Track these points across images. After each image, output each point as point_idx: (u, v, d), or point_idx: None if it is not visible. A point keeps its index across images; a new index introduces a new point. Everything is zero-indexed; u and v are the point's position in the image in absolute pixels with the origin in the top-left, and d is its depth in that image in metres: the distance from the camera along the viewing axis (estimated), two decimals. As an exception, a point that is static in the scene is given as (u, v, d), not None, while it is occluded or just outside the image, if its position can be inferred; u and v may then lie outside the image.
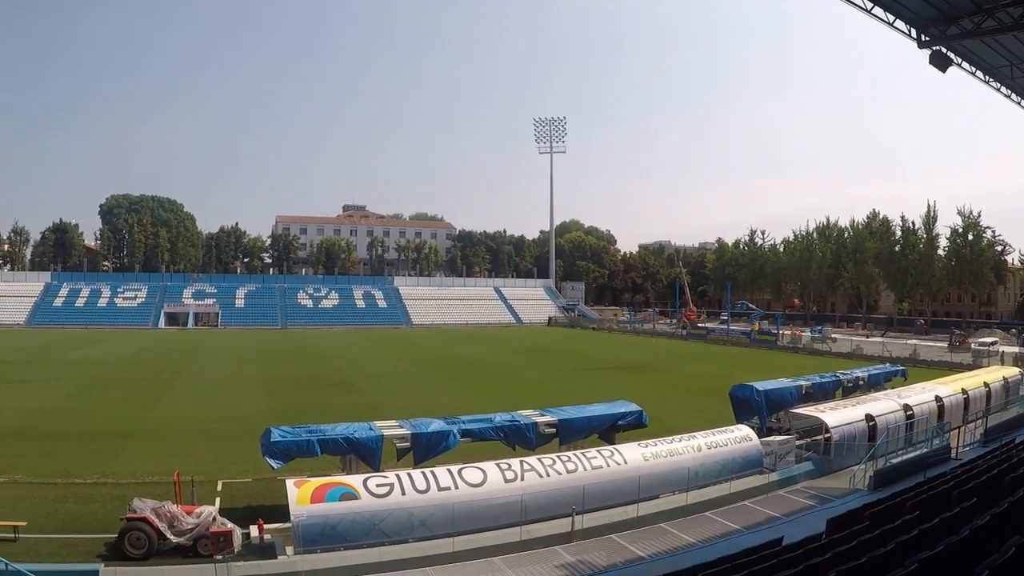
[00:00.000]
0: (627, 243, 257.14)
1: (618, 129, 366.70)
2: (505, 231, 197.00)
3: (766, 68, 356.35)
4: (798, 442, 31.92)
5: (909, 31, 31.98)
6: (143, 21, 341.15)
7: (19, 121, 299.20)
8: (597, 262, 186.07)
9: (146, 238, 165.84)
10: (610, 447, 26.71)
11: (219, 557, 19.81)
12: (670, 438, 27.71)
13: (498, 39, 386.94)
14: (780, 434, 32.58)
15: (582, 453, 25.52)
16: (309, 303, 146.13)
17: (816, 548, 14.05)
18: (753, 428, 31.10)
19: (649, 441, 27.21)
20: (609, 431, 29.77)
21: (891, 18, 31.34)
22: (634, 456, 25.68)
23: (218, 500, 25.45)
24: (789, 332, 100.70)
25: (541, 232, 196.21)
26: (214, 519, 21.56)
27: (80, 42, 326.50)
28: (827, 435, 31.52)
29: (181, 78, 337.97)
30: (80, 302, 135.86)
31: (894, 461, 30.01)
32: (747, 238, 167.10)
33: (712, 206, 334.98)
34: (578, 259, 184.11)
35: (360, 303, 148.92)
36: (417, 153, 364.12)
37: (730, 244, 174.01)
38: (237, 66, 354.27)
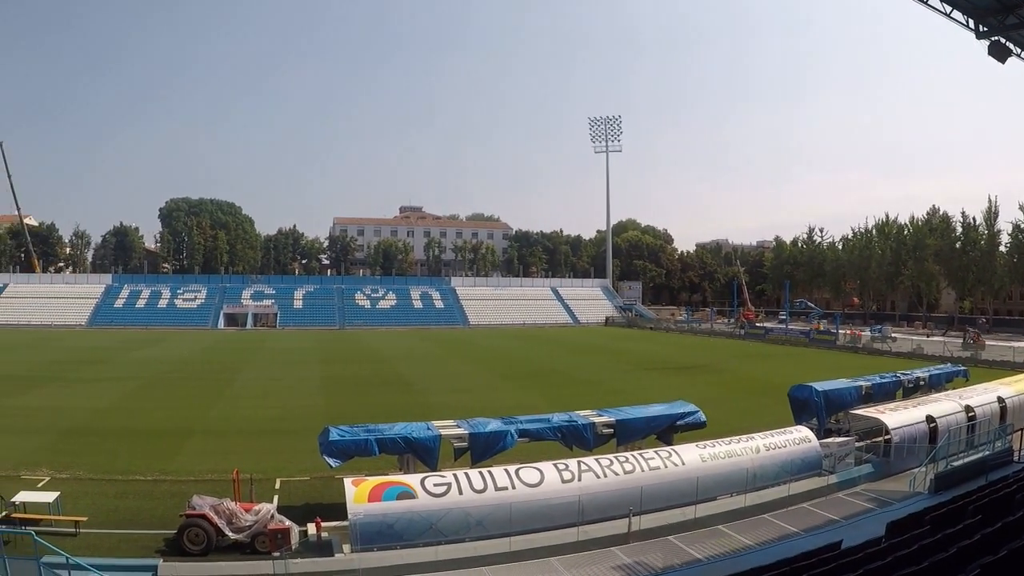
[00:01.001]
0: (684, 242, 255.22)
1: (674, 128, 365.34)
2: (562, 231, 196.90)
3: (818, 63, 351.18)
4: (857, 444, 31.32)
5: (967, 21, 31.06)
6: (202, 28, 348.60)
7: (81, 127, 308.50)
8: (654, 261, 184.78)
9: (205, 240, 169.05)
10: (668, 448, 26.45)
11: (277, 554, 19.97)
12: (728, 439, 27.32)
13: (554, 38, 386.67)
14: (839, 435, 31.98)
15: (640, 454, 25.28)
16: (367, 304, 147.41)
17: (876, 552, 13.78)
18: (812, 429, 30.53)
19: (707, 442, 26.87)
20: (667, 432, 29.46)
21: (948, 8, 30.52)
22: (692, 457, 25.37)
23: (276, 498, 25.60)
24: (848, 331, 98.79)
25: (598, 232, 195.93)
26: (272, 516, 21.77)
27: (140, 49, 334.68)
28: (887, 437, 30.85)
29: (238, 83, 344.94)
30: (140, 303, 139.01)
31: (955, 464, 29.28)
32: (805, 236, 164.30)
33: (770, 203, 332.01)
34: (635, 258, 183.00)
35: (417, 303, 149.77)
36: (473, 154, 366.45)
37: (788, 242, 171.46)
38: (294, 71, 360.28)
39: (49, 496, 23.88)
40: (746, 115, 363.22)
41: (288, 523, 21.33)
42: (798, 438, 28.56)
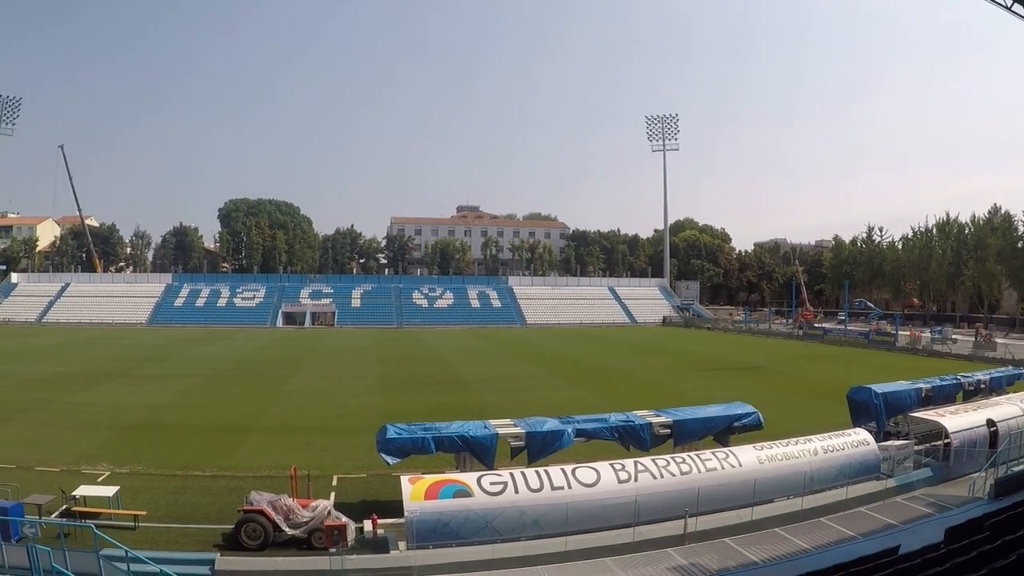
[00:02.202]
0: (742, 241, 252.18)
1: (732, 125, 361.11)
2: (619, 230, 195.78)
3: (882, 58, 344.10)
4: (916, 447, 30.60)
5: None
6: (261, 30, 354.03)
7: (142, 130, 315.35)
8: (712, 261, 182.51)
9: (264, 240, 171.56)
10: (725, 449, 26.17)
11: (333, 550, 20.01)
12: (786, 441, 26.90)
13: (612, 36, 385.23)
14: (898, 439, 31.36)
15: (696, 455, 25.02)
16: (424, 303, 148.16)
17: (934, 558, 13.49)
18: (871, 432, 29.88)
19: (764, 444, 26.49)
20: (724, 433, 29.15)
21: (1008, 2, 29.63)
22: (749, 459, 25.04)
23: (333, 494, 25.95)
24: (908, 332, 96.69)
25: (655, 231, 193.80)
26: (329, 513, 22.03)
27: (201, 52, 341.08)
28: (946, 440, 30.09)
29: (298, 86, 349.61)
30: (200, 302, 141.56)
31: (1016, 468, 28.52)
32: (864, 235, 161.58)
33: (829, 202, 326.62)
34: (692, 258, 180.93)
35: (475, 303, 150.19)
36: (530, 153, 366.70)
37: (847, 241, 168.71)
38: (350, 70, 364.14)
39: (109, 490, 24.44)
40: (805, 112, 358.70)
41: (345, 519, 21.48)
42: (856, 441, 28.01)
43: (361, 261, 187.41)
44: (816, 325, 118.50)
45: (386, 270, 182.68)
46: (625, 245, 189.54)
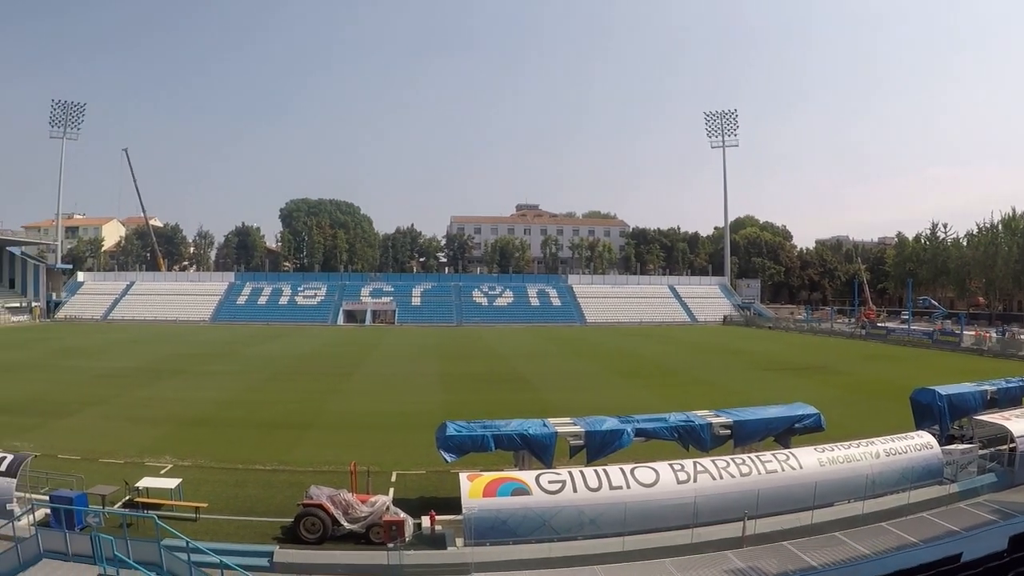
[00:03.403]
0: (803, 239, 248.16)
1: (792, 121, 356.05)
2: (679, 227, 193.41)
3: (952, 53, 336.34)
4: (981, 452, 29.67)
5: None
6: (324, 33, 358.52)
7: (204, 132, 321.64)
8: (773, 258, 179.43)
9: (325, 239, 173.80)
10: (785, 451, 25.82)
11: (391, 545, 20.15)
12: (847, 443, 26.34)
13: (669, 33, 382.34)
14: (962, 442, 30.52)
15: (756, 456, 24.66)
16: (484, 301, 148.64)
17: (997, 566, 13.08)
18: (934, 435, 29.10)
19: (825, 446, 26.00)
20: (785, 434, 28.80)
21: None
22: (810, 461, 24.60)
23: (392, 490, 26.10)
24: (973, 332, 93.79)
25: (715, 228, 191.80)
26: (388, 508, 22.16)
27: (263, 55, 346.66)
28: (1012, 445, 29.08)
29: (358, 88, 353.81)
30: (262, 300, 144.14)
31: (1084, 475, 27.60)
32: (928, 232, 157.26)
33: (892, 198, 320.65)
34: (753, 255, 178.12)
35: (534, 301, 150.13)
36: (589, 151, 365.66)
37: (911, 239, 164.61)
38: (408, 70, 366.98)
39: (171, 482, 24.91)
40: (869, 108, 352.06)
41: (403, 515, 21.57)
42: (919, 444, 27.30)
43: (421, 260, 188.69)
44: (879, 324, 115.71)
45: (446, 269, 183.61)
46: (685, 243, 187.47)
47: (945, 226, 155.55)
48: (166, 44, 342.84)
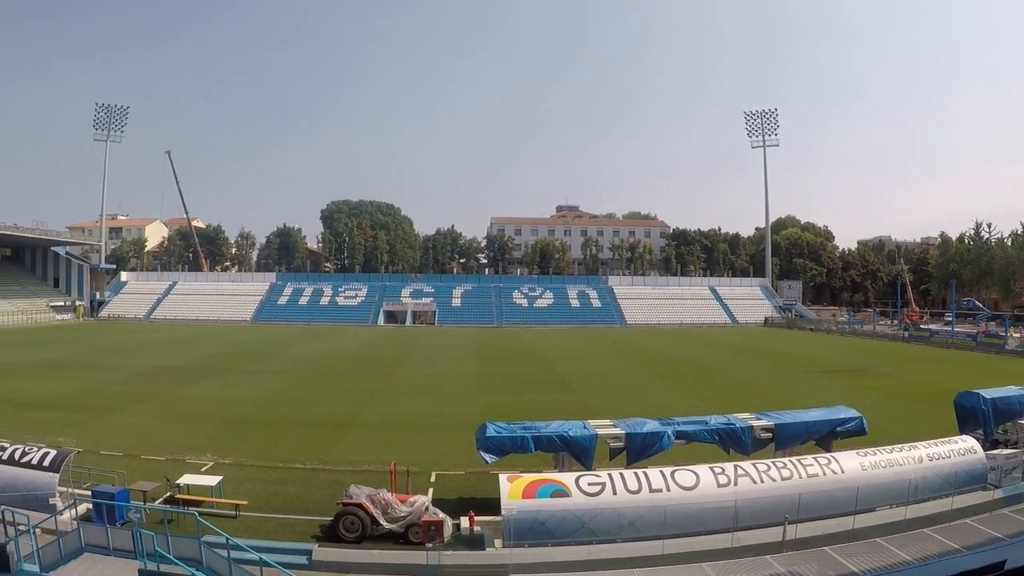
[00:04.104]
0: (845, 239, 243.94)
1: (833, 120, 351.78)
2: (719, 228, 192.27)
3: (995, 49, 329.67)
4: None
5: None
6: (364, 35, 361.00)
7: (246, 134, 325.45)
8: (814, 259, 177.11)
9: (365, 241, 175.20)
10: (827, 454, 25.49)
11: (429, 545, 20.18)
12: (889, 447, 25.91)
13: (711, 32, 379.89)
14: (1007, 447, 30.02)
15: (798, 460, 24.39)
16: (524, 302, 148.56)
17: None
18: (978, 440, 28.55)
19: (868, 450, 25.61)
20: (827, 438, 28.53)
21: None
22: (852, 465, 24.24)
23: (431, 490, 26.15)
24: (1018, 334, 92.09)
25: (756, 229, 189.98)
26: (427, 508, 22.21)
27: (304, 56, 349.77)
28: None
29: (398, 90, 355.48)
30: (303, 301, 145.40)
31: None
32: (972, 232, 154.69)
33: (934, 198, 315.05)
34: (795, 256, 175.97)
35: (574, 302, 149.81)
36: (629, 151, 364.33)
37: (954, 239, 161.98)
38: (446, 72, 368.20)
39: (212, 480, 25.22)
40: (911, 106, 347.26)
41: (442, 515, 21.63)
42: (962, 448, 26.77)
43: (461, 261, 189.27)
44: (922, 326, 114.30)
45: (486, 270, 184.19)
46: (726, 244, 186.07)
47: (989, 226, 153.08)
48: (208, 46, 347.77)
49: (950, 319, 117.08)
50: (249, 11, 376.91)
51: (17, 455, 23.49)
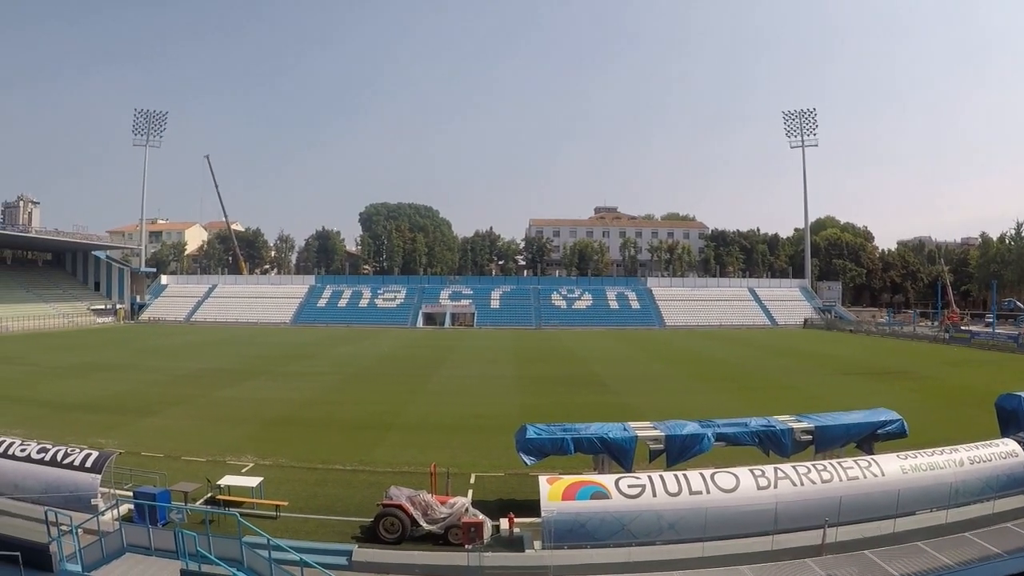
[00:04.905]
0: (884, 240, 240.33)
1: (872, 120, 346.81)
2: (758, 229, 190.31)
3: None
4: None
5: None
6: (403, 39, 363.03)
7: (285, 138, 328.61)
8: (854, 260, 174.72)
9: (404, 243, 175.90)
10: (867, 457, 25.19)
11: (469, 547, 20.23)
12: (930, 450, 25.58)
13: (748, 32, 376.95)
14: None
15: (838, 462, 24.20)
16: (563, 304, 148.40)
17: None
18: (1020, 443, 28.00)
19: (908, 453, 25.31)
20: (867, 440, 28.19)
21: None
22: (892, 468, 23.98)
23: (471, 492, 26.22)
24: None
25: (795, 230, 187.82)
26: (466, 510, 22.30)
27: (340, 62, 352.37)
28: None
29: (437, 94, 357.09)
30: (342, 303, 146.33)
31: None
32: (1013, 231, 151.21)
33: (975, 197, 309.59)
34: (834, 257, 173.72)
35: (613, 304, 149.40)
36: (667, 152, 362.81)
37: (995, 239, 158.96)
38: (484, 75, 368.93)
39: (252, 481, 25.46)
40: (951, 104, 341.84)
41: (482, 517, 21.71)
42: (1004, 452, 26.32)
43: (500, 263, 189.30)
44: (963, 328, 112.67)
45: (525, 271, 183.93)
46: (765, 244, 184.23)
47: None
48: (247, 49, 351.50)
49: (991, 320, 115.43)
50: (288, 13, 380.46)
51: (60, 456, 23.98)
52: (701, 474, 22.42)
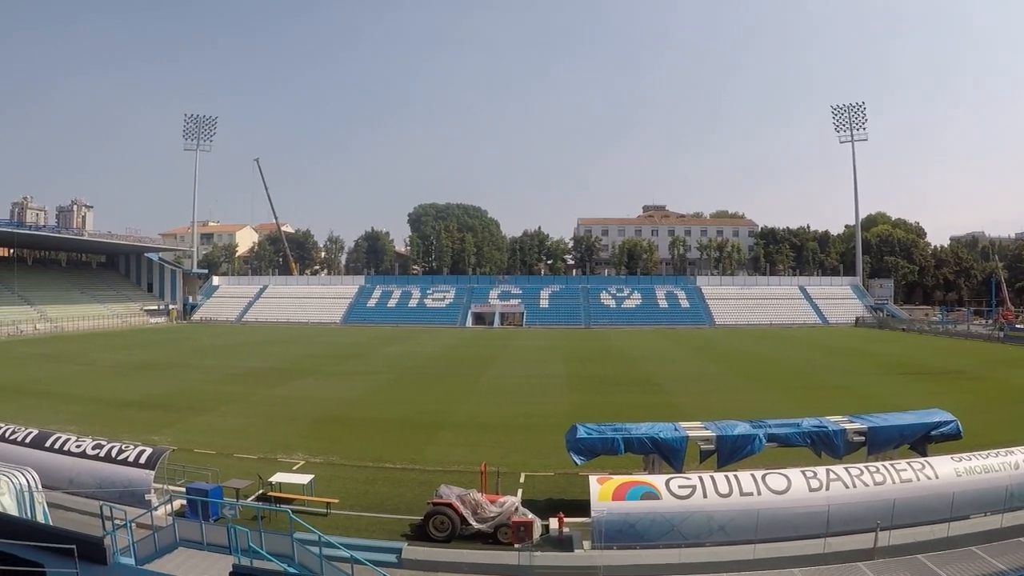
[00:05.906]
0: (937, 236, 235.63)
1: (923, 113, 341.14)
2: (808, 226, 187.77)
3: None
4: None
5: None
6: (450, 41, 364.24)
7: (334, 140, 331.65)
8: (906, 257, 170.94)
9: (453, 243, 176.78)
10: (921, 459, 24.64)
11: (518, 546, 20.25)
12: (985, 453, 24.86)
13: (798, 28, 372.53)
14: None
15: (891, 464, 23.75)
16: (612, 303, 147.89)
17: None
18: None
19: (963, 455, 24.65)
20: (921, 442, 27.58)
21: None
22: (946, 471, 23.44)
23: (520, 491, 26.17)
24: None
25: (846, 226, 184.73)
26: (516, 509, 22.28)
27: (390, 61, 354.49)
28: None
29: (487, 94, 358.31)
30: (392, 303, 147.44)
31: None
32: None
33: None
34: (886, 254, 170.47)
35: (662, 303, 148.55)
36: (716, 149, 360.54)
37: None
38: (533, 76, 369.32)
39: (303, 478, 25.75)
40: (1004, 97, 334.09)
41: (531, 516, 21.69)
42: (1061, 454, 25.69)
43: (549, 262, 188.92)
44: (1018, 326, 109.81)
45: (574, 271, 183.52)
46: (815, 242, 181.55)
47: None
48: (297, 51, 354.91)
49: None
50: (338, 13, 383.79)
51: (114, 452, 24.52)
52: (752, 475, 22.19)
